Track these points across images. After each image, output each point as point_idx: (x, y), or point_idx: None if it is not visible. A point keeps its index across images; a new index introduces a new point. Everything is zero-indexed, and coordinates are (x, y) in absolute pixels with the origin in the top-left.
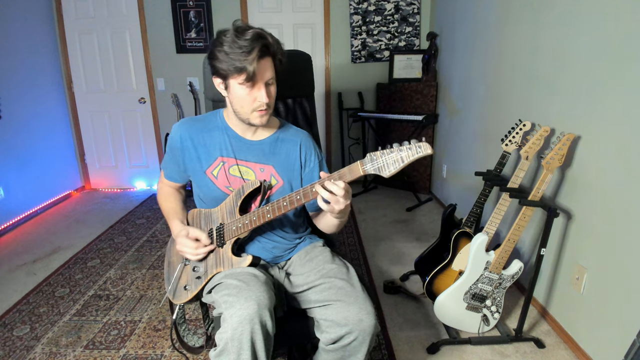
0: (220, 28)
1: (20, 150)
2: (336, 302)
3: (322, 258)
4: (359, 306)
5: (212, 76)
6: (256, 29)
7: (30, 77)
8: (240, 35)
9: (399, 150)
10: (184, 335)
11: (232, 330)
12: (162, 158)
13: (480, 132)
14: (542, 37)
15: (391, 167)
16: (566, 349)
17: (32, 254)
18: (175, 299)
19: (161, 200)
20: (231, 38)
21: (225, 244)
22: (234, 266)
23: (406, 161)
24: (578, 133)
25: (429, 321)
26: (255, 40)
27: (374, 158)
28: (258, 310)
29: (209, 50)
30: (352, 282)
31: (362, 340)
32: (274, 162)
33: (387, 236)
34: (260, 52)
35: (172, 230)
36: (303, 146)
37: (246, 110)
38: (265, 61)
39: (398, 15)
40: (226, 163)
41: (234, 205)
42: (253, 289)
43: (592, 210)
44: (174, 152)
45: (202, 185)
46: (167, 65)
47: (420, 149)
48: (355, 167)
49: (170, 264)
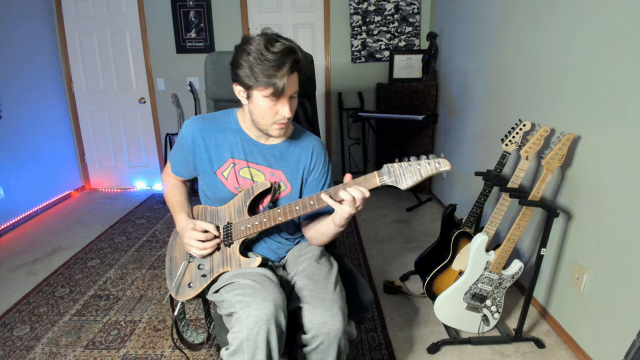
0: (246, 34)
1: (20, 150)
2: (304, 304)
3: (310, 255)
4: (324, 309)
5: (233, 83)
6: (286, 41)
7: (31, 77)
8: (270, 47)
9: (418, 165)
10: (184, 332)
11: (248, 330)
12: (162, 158)
13: (480, 132)
14: (543, 37)
15: (409, 181)
16: (566, 349)
17: (32, 254)
18: (178, 296)
19: (167, 193)
20: (260, 48)
21: (232, 244)
22: (242, 266)
23: (424, 176)
24: (578, 133)
25: (429, 321)
26: (287, 55)
27: (391, 170)
28: (274, 311)
29: (233, 57)
30: (326, 284)
31: (328, 344)
32: (284, 168)
33: (387, 236)
34: (290, 68)
35: (178, 224)
36: (314, 153)
37: (267, 122)
38: (293, 76)
39: (398, 15)
40: (237, 165)
41: (243, 205)
42: (269, 290)
43: (592, 210)
44: (184, 150)
45: (211, 185)
46: (167, 65)
47: (440, 165)
48: (371, 178)
49: (172, 260)
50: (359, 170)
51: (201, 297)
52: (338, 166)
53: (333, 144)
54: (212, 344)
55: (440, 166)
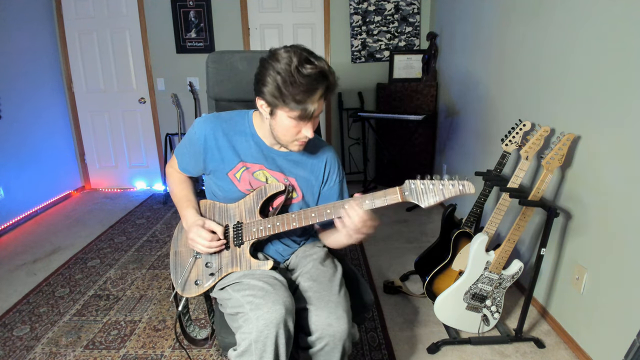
0: (274, 48)
1: (20, 150)
2: (309, 306)
3: (315, 257)
4: (329, 311)
5: (256, 96)
6: (319, 61)
7: (31, 77)
8: (302, 69)
9: (441, 185)
10: (187, 327)
11: (257, 332)
12: (162, 158)
13: (480, 132)
14: (543, 37)
15: (430, 200)
16: (566, 349)
17: (32, 254)
18: (184, 293)
19: (172, 186)
20: (291, 69)
21: (243, 244)
22: (252, 268)
23: (447, 197)
24: (578, 133)
25: (429, 321)
26: (319, 81)
27: (413, 187)
28: (285, 314)
29: (258, 70)
30: (331, 286)
31: (333, 346)
32: (296, 175)
33: (387, 236)
34: (322, 95)
35: (186, 219)
36: (328, 163)
37: (288, 139)
38: (321, 102)
39: (398, 15)
40: (250, 168)
41: (255, 205)
42: (280, 293)
43: (592, 210)
44: (194, 148)
45: (221, 185)
46: (167, 65)
47: (464, 188)
48: (393, 193)
49: (177, 254)
50: (359, 170)
51: (204, 295)
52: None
53: (333, 144)
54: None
55: (464, 189)
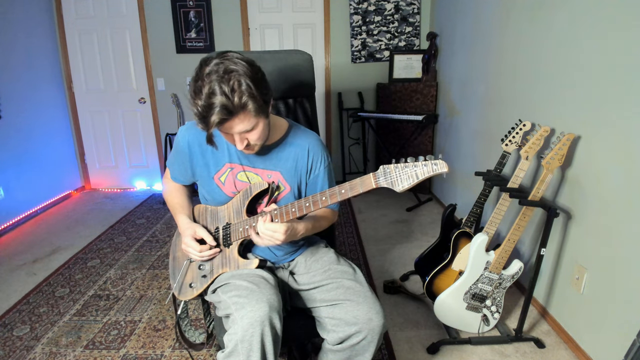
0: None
1: (20, 150)
2: (345, 301)
3: (327, 259)
4: (369, 305)
5: None
6: (214, 81)
7: (31, 77)
8: (195, 98)
9: (414, 166)
10: (186, 331)
11: (242, 332)
12: (162, 158)
13: (480, 132)
14: (543, 37)
15: (404, 183)
16: (566, 349)
17: (32, 254)
18: (180, 296)
19: (167, 196)
20: (191, 89)
21: (231, 245)
22: (240, 267)
23: (420, 178)
24: (578, 133)
25: (429, 321)
26: (209, 108)
27: (387, 172)
28: (269, 312)
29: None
30: (360, 282)
31: (370, 339)
32: (281, 169)
33: (387, 236)
34: (219, 121)
35: (179, 226)
36: (311, 151)
37: (237, 147)
38: (231, 122)
39: (398, 15)
40: (234, 169)
41: (241, 206)
42: (264, 291)
43: (592, 210)
44: (180, 156)
45: (209, 190)
46: (167, 65)
47: (437, 167)
48: (367, 180)
49: (175, 259)
50: (359, 170)
51: (201, 297)
52: (338, 166)
53: (333, 144)
54: (212, 344)
55: (437, 168)
